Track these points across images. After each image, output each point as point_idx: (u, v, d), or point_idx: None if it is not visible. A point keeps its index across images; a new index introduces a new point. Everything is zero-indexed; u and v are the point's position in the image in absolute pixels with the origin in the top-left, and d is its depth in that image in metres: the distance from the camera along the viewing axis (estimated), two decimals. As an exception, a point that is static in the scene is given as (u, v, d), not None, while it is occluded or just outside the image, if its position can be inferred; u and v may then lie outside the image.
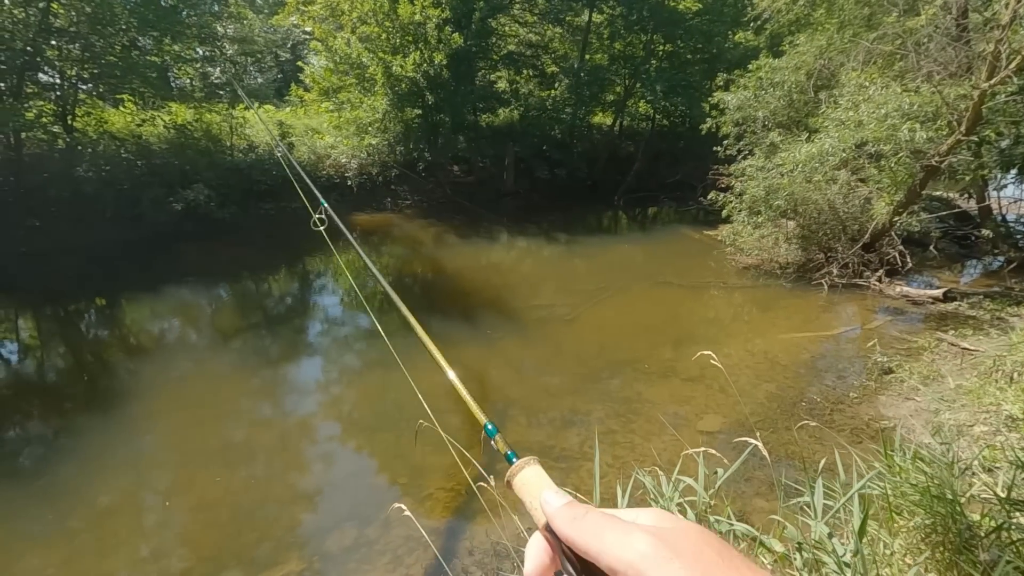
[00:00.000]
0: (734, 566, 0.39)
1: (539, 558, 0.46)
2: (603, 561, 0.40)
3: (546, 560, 0.46)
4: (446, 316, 7.73)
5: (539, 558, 0.46)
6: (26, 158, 10.63)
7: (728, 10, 16.64)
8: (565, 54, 18.34)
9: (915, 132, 6.96)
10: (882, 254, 8.66)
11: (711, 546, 0.40)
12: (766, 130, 9.93)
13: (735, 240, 10.00)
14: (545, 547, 0.47)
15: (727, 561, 0.39)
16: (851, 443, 3.84)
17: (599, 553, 0.40)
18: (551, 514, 0.46)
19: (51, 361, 6.81)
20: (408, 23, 12.93)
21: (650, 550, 0.39)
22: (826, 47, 9.68)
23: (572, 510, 0.45)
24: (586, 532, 0.42)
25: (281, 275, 10.41)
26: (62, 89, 11.41)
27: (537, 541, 0.47)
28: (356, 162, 14.43)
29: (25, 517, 3.84)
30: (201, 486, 4.21)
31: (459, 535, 3.54)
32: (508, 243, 12.82)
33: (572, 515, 0.44)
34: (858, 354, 6.31)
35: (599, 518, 0.43)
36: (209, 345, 7.16)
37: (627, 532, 0.41)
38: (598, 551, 0.41)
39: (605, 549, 0.40)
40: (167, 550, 3.62)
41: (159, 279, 9.08)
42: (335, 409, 5.57)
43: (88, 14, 10.65)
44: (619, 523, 0.42)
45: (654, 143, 18.67)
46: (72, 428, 5.04)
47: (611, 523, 0.42)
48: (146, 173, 11.56)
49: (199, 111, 13.04)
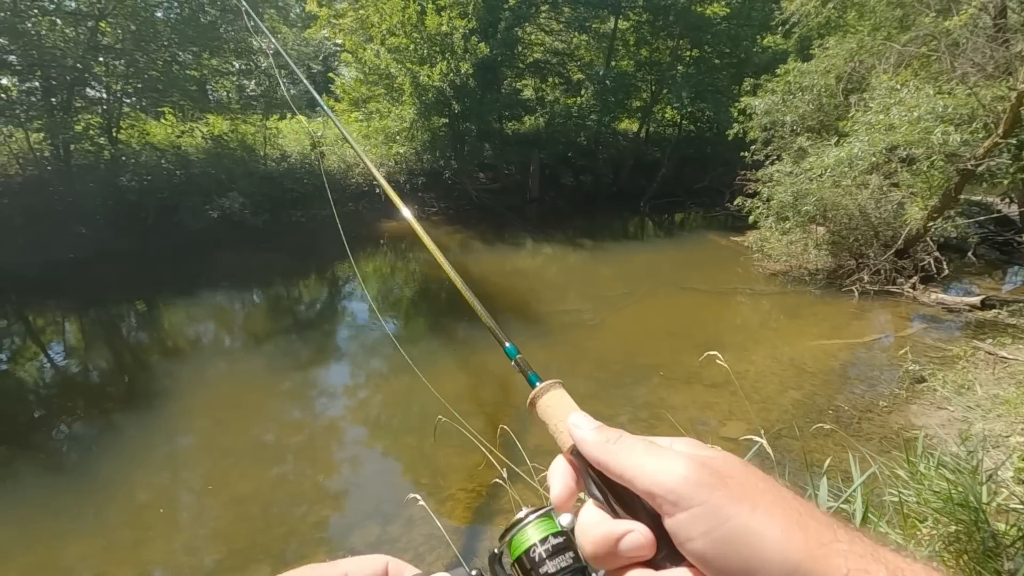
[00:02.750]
0: (782, 497, 0.37)
1: (564, 482, 0.44)
2: (639, 485, 0.38)
3: (571, 484, 0.44)
4: (471, 321, 7.82)
5: (564, 482, 0.44)
6: (74, 168, 11.17)
7: (756, 14, 16.42)
8: (591, 61, 18.37)
9: (949, 135, 6.78)
10: (916, 260, 8.42)
11: (756, 475, 0.38)
12: (794, 135, 9.77)
13: (763, 246, 9.85)
14: (570, 471, 0.45)
15: (774, 492, 0.37)
16: (879, 452, 3.77)
17: (635, 477, 0.38)
18: (580, 438, 0.43)
19: (94, 362, 7.14)
20: (435, 34, 13.16)
21: (693, 474, 0.36)
22: (857, 50, 9.51)
23: (604, 433, 0.43)
24: (620, 456, 0.40)
25: (311, 281, 10.68)
26: (108, 103, 11.96)
27: (561, 465, 0.45)
28: (384, 170, 14.71)
29: (68, 510, 4.05)
30: (233, 483, 4.37)
31: (479, 535, 3.60)
32: (533, 249, 12.88)
33: (605, 438, 0.42)
34: (889, 362, 6.16)
35: (635, 442, 0.41)
36: (242, 348, 7.41)
37: (667, 456, 0.38)
38: (633, 475, 0.38)
39: (642, 473, 0.38)
40: (200, 542, 3.77)
41: (195, 284, 9.42)
42: (361, 412, 5.70)
43: (133, 32, 11.18)
44: (657, 447, 0.40)
45: (680, 149, 18.51)
46: (112, 426, 5.28)
47: (648, 447, 0.40)
48: (184, 182, 12.02)
49: (235, 122, 13.52)
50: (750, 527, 0.34)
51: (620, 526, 0.39)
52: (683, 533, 0.35)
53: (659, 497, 0.37)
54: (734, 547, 0.34)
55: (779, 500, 0.36)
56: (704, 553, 0.34)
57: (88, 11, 10.97)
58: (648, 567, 0.38)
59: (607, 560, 0.39)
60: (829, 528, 0.35)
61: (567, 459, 0.45)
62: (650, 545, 0.38)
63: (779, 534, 0.34)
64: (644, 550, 0.38)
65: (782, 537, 0.33)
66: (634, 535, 0.38)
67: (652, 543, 0.38)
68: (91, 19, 10.83)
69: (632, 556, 0.38)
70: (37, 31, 10.27)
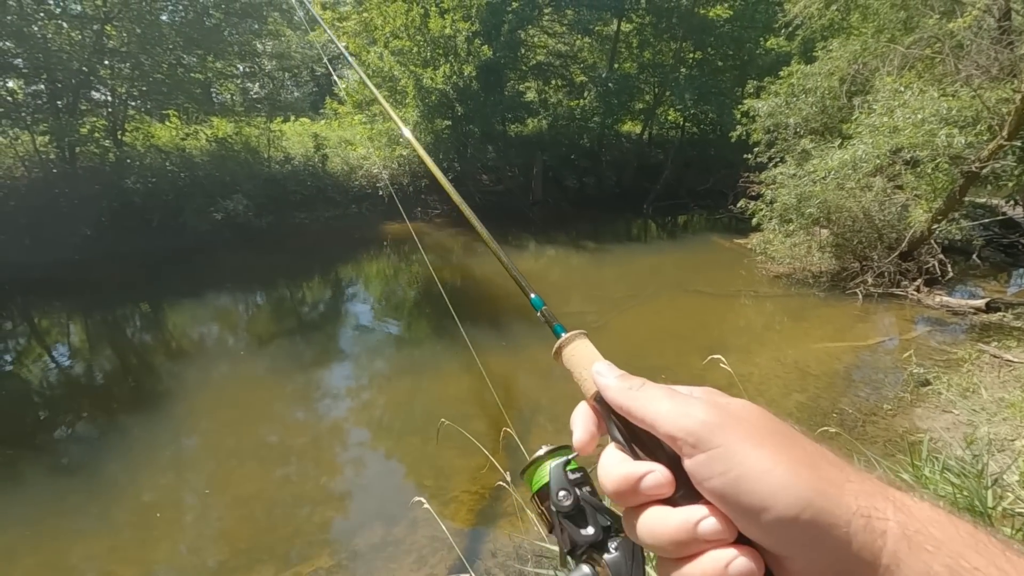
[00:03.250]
0: (794, 439, 0.39)
1: (586, 426, 0.47)
2: (661, 428, 0.40)
3: (593, 429, 0.47)
4: (475, 322, 7.83)
5: (586, 426, 0.47)
6: (79, 170, 11.23)
7: (759, 16, 16.41)
8: (594, 63, 18.38)
9: (953, 137, 6.76)
10: (921, 263, 8.39)
11: (771, 420, 0.40)
12: (798, 137, 9.76)
13: (766, 248, 9.83)
14: (592, 416, 0.47)
15: (787, 434, 0.39)
16: (884, 455, 3.76)
17: (657, 421, 0.40)
18: (605, 384, 0.45)
19: (99, 363, 7.17)
20: (439, 36, 13.21)
21: (711, 417, 0.38)
22: (860, 52, 9.49)
23: (628, 381, 0.45)
24: (643, 401, 0.42)
25: (314, 282, 10.71)
26: (113, 106, 12.04)
27: (583, 411, 0.48)
28: (387, 172, 14.76)
29: (74, 510, 4.06)
30: (237, 484, 4.38)
31: (483, 537, 3.60)
32: (537, 251, 12.89)
33: (628, 385, 0.44)
34: (894, 365, 6.14)
35: (657, 389, 0.43)
36: (246, 349, 7.43)
37: (687, 402, 0.40)
38: (655, 419, 0.40)
39: (663, 417, 0.40)
40: (204, 543, 3.78)
41: (200, 285, 9.46)
42: (365, 413, 5.71)
43: (138, 35, 11.25)
44: (677, 393, 0.42)
45: (684, 151, 18.50)
46: (118, 427, 5.30)
47: (670, 393, 0.42)
48: (189, 184, 12.08)
49: (239, 125, 13.58)
50: (765, 467, 0.36)
51: (641, 466, 0.41)
52: (702, 473, 0.37)
53: (680, 440, 0.39)
54: (748, 485, 0.35)
55: (791, 442, 0.38)
56: (721, 491, 0.36)
57: (94, 14, 11.05)
58: (667, 504, 0.40)
59: (628, 498, 0.41)
60: (840, 468, 0.37)
61: (590, 405, 0.48)
62: (669, 484, 0.40)
63: (790, 473, 0.35)
64: (664, 488, 0.40)
65: (793, 476, 0.35)
66: (655, 474, 0.40)
67: (671, 482, 0.40)
68: (97, 22, 10.90)
69: (652, 494, 0.40)
70: (43, 34, 10.35)
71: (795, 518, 0.34)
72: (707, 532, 0.37)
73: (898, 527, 0.34)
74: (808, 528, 0.34)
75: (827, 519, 0.34)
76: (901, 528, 0.34)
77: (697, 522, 0.37)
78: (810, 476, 0.35)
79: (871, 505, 0.35)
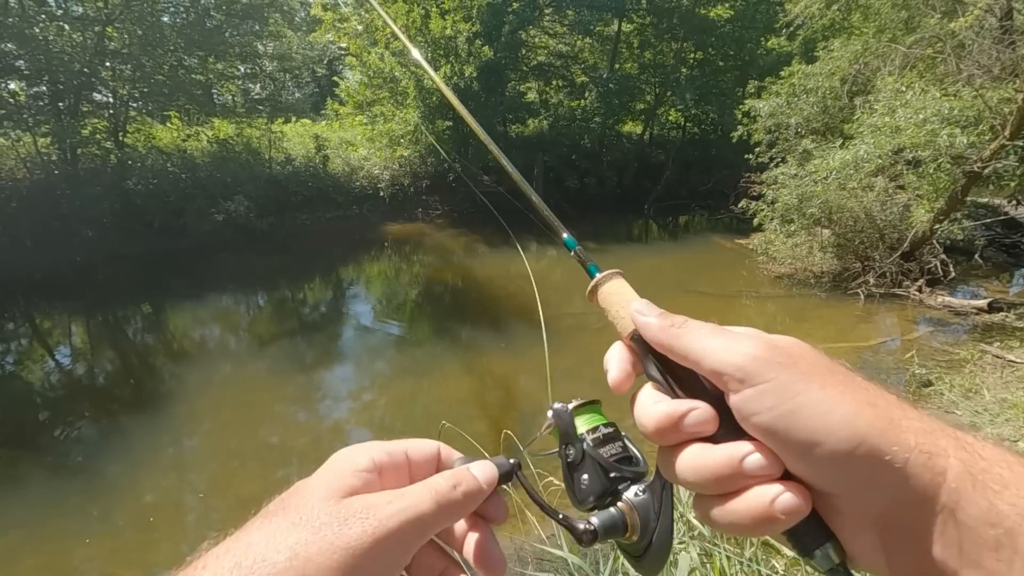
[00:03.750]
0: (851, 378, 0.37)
1: (622, 366, 0.45)
2: (706, 365, 0.38)
3: (628, 368, 0.45)
4: (476, 324, 7.84)
5: (622, 366, 0.45)
6: (81, 172, 11.26)
7: (760, 16, 16.40)
8: (594, 64, 18.38)
9: (955, 137, 6.75)
10: (923, 263, 8.37)
11: (825, 358, 0.39)
12: (799, 137, 9.75)
13: (767, 249, 9.81)
14: (627, 355, 0.46)
15: (843, 373, 0.37)
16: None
17: (701, 358, 0.39)
18: (646, 323, 0.43)
19: (100, 365, 7.18)
20: (439, 37, 13.21)
21: (762, 352, 0.37)
22: (862, 52, 9.48)
23: (670, 318, 0.43)
24: (687, 338, 0.40)
25: (315, 284, 10.71)
26: (114, 107, 12.06)
27: (619, 350, 0.46)
28: (388, 173, 14.76)
29: (76, 512, 4.07)
30: (239, 485, 4.38)
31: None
32: (538, 252, 12.87)
33: (670, 322, 0.42)
34: (895, 366, 6.12)
35: (700, 325, 0.41)
36: (247, 351, 7.43)
37: (734, 337, 0.39)
38: (701, 355, 0.39)
39: (710, 353, 0.38)
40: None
41: (201, 287, 9.46)
42: (366, 414, 5.71)
43: (140, 37, 11.27)
44: (722, 329, 0.41)
45: (685, 151, 18.47)
46: (119, 428, 5.31)
47: (714, 329, 0.40)
48: (190, 186, 12.09)
49: (240, 126, 13.59)
50: (819, 402, 0.34)
51: (684, 404, 0.39)
52: (749, 408, 0.36)
53: (726, 375, 0.37)
54: (801, 421, 0.34)
55: (848, 380, 0.37)
56: (770, 426, 0.35)
57: (95, 16, 11.07)
58: (708, 442, 0.39)
59: (669, 436, 0.39)
60: (899, 407, 0.36)
61: (626, 344, 0.46)
62: (713, 420, 0.38)
63: (849, 409, 0.34)
64: (707, 425, 0.38)
65: (851, 411, 0.34)
66: (698, 411, 0.38)
67: (715, 418, 0.38)
68: (98, 24, 10.92)
69: (694, 431, 0.39)
70: (45, 36, 10.36)
71: (849, 453, 0.33)
72: (753, 467, 0.36)
73: (960, 465, 0.32)
74: (862, 464, 0.33)
75: (883, 455, 0.32)
76: (964, 466, 0.32)
77: (743, 457, 0.36)
78: (870, 413, 0.34)
79: (931, 442, 0.33)
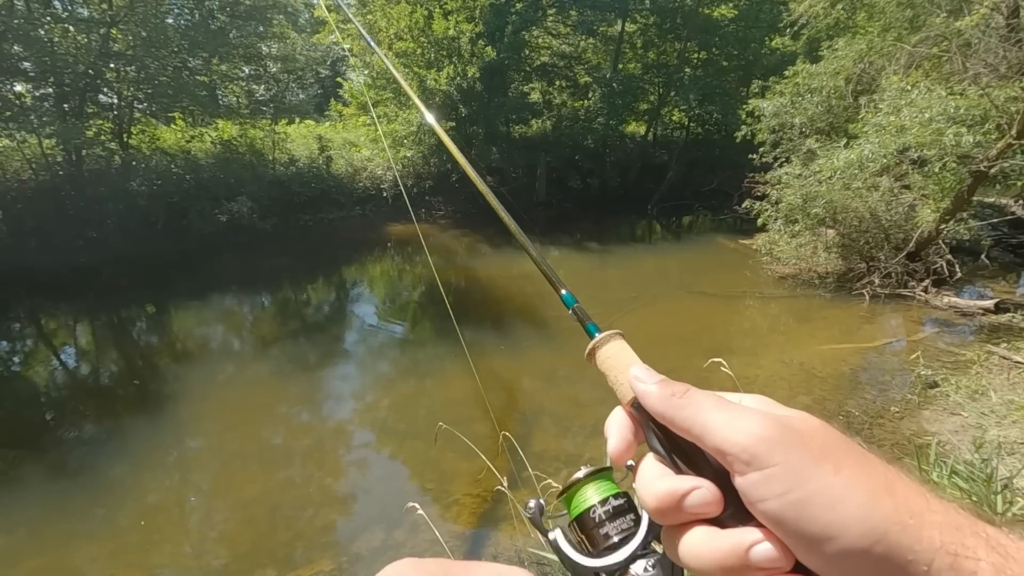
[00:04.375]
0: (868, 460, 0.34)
1: (622, 435, 0.43)
2: (709, 442, 0.36)
3: (629, 437, 0.43)
4: (478, 324, 7.82)
5: (622, 435, 0.43)
6: (86, 173, 11.30)
7: (764, 16, 16.34)
8: (598, 64, 18.35)
9: (961, 136, 6.69)
10: (928, 263, 8.31)
11: (837, 436, 0.36)
12: (803, 137, 9.70)
13: (771, 249, 9.76)
14: (628, 424, 0.44)
15: (859, 455, 0.34)
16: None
17: (704, 433, 0.36)
18: (645, 391, 0.41)
19: (104, 365, 7.20)
20: (442, 38, 13.22)
21: (769, 431, 0.34)
22: (866, 51, 9.42)
23: (670, 387, 0.41)
24: (688, 410, 0.38)
25: (318, 284, 10.72)
26: (119, 108, 12.11)
27: (619, 418, 0.44)
28: (391, 174, 14.78)
29: (78, 512, 4.07)
30: (240, 486, 4.38)
31: (484, 541, 3.58)
32: (540, 252, 12.85)
33: (671, 392, 0.40)
34: (901, 367, 6.07)
35: (704, 396, 0.39)
36: (250, 351, 7.44)
37: (739, 413, 0.36)
38: (703, 431, 0.36)
39: (713, 429, 0.36)
40: (207, 546, 3.78)
41: (205, 287, 9.49)
42: (368, 416, 5.70)
43: (144, 38, 11.31)
44: (728, 403, 0.38)
45: (688, 151, 18.43)
46: (122, 429, 5.32)
47: (719, 402, 0.38)
48: (194, 186, 12.13)
49: (244, 127, 13.63)
50: (833, 490, 0.31)
51: (686, 482, 0.37)
52: (756, 493, 0.33)
53: (731, 455, 0.34)
54: (813, 511, 0.31)
55: (865, 463, 0.33)
56: (779, 515, 0.32)
57: (100, 18, 11.11)
58: (713, 524, 0.36)
59: (671, 516, 0.37)
60: (921, 496, 0.32)
61: (627, 411, 0.44)
62: (717, 502, 0.36)
63: (865, 499, 0.31)
64: (711, 507, 0.36)
65: (868, 503, 0.31)
66: (701, 491, 0.36)
67: (719, 500, 0.36)
68: (103, 26, 10.96)
69: (697, 512, 0.36)
70: (50, 38, 10.41)
71: (866, 551, 0.30)
72: (760, 559, 0.33)
73: (992, 569, 0.29)
74: (881, 564, 0.30)
75: (904, 555, 0.29)
76: (995, 571, 0.29)
77: (749, 547, 0.33)
78: (889, 505, 0.31)
79: (958, 541, 0.30)
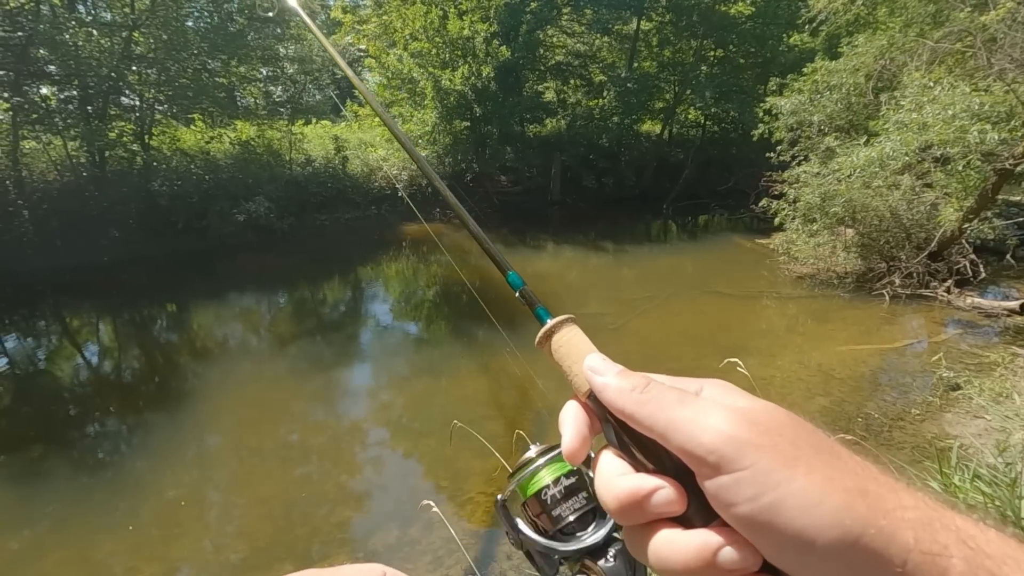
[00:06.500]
0: (838, 457, 0.33)
1: (578, 429, 0.40)
2: (673, 441, 0.34)
3: (585, 431, 0.40)
4: (491, 323, 7.83)
5: (578, 429, 0.40)
6: (109, 174, 11.53)
7: (782, 12, 16.13)
8: (613, 63, 18.27)
9: (986, 133, 6.55)
10: (951, 263, 8.15)
11: (806, 430, 0.34)
12: (822, 134, 9.55)
13: (789, 249, 9.64)
14: (583, 417, 0.41)
15: (829, 452, 0.33)
16: (911, 462, 3.65)
17: (667, 432, 0.34)
18: (602, 384, 0.39)
19: (126, 362, 7.35)
20: (457, 38, 13.26)
21: (737, 431, 0.32)
22: (887, 47, 9.25)
23: (629, 380, 0.38)
24: (649, 407, 0.36)
25: (335, 284, 10.82)
26: (140, 110, 12.33)
27: (574, 410, 0.41)
28: (406, 174, 14.86)
29: (101, 507, 4.16)
30: (258, 482, 4.45)
31: (498, 539, 3.59)
32: (555, 252, 12.84)
33: (630, 385, 0.38)
34: (922, 369, 5.97)
35: (664, 391, 0.37)
36: (268, 350, 7.54)
37: (704, 409, 0.34)
38: (665, 429, 0.34)
39: (676, 428, 0.34)
40: (226, 541, 3.84)
41: (223, 287, 9.63)
42: (383, 414, 5.75)
43: (165, 41, 11.50)
44: (691, 397, 0.36)
45: (704, 150, 18.27)
46: (144, 425, 5.42)
47: (681, 397, 0.36)
48: (213, 187, 12.30)
49: (261, 128, 13.81)
50: (806, 494, 0.30)
51: (648, 481, 0.35)
52: (725, 497, 0.32)
53: (697, 457, 0.33)
54: (786, 515, 0.30)
55: (836, 461, 0.32)
56: (750, 519, 0.31)
57: (122, 22, 11.34)
58: (676, 523, 0.35)
59: (632, 516, 0.36)
60: (893, 492, 0.31)
61: (582, 403, 0.41)
62: (681, 501, 0.35)
63: (839, 502, 0.30)
64: (675, 506, 0.35)
65: (842, 506, 0.30)
66: (665, 491, 0.35)
67: (684, 499, 0.35)
68: (125, 29, 11.17)
69: (661, 513, 0.35)
70: (74, 42, 10.63)
71: (840, 554, 0.29)
72: (728, 562, 0.32)
73: (964, 565, 0.29)
74: (855, 566, 0.29)
75: (878, 557, 0.29)
76: (968, 566, 0.29)
77: (716, 550, 0.32)
78: (862, 507, 0.30)
79: (931, 539, 0.29)
